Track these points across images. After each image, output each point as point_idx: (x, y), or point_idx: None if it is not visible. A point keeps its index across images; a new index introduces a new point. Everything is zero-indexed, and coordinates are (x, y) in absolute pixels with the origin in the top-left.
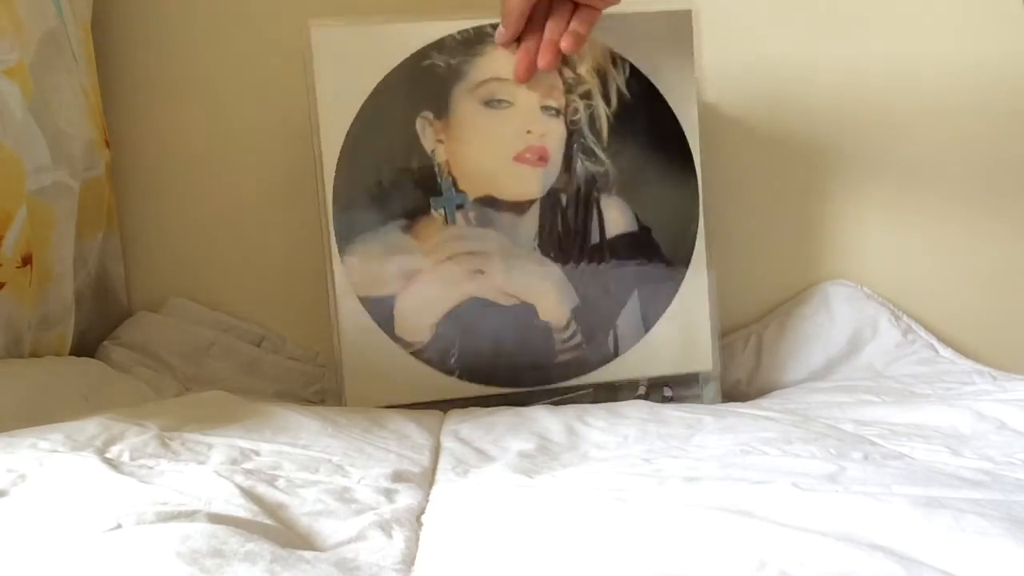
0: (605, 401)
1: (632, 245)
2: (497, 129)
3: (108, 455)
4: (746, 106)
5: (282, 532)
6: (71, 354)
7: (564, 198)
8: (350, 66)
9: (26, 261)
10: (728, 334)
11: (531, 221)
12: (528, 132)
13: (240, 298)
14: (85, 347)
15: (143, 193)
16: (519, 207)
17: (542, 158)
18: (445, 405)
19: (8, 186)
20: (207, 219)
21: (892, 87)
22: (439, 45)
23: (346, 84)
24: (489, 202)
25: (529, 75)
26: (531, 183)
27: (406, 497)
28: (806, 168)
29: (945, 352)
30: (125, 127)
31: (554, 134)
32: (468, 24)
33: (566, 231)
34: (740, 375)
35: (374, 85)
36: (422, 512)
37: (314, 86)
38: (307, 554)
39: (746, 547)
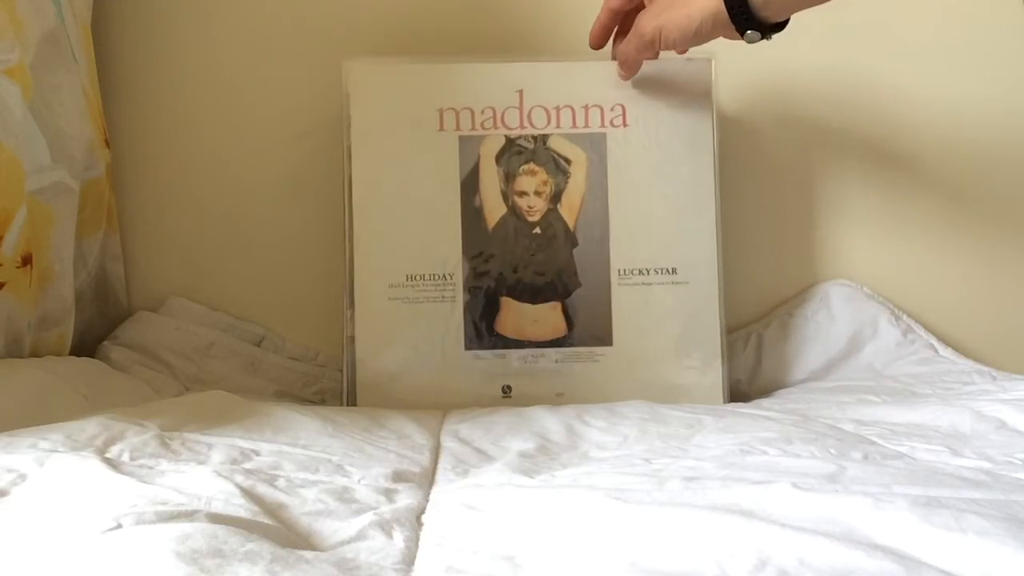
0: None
1: None
2: None
3: (108, 455)
4: (747, 106)
5: (282, 532)
6: (71, 354)
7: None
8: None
9: (26, 261)
10: (728, 334)
11: None
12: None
13: (240, 298)
14: (85, 347)
15: (143, 193)
16: None
17: None
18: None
19: (8, 186)
20: (207, 219)
21: (893, 89)
22: None
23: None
24: None
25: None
26: None
27: (406, 497)
28: (806, 167)
29: (945, 352)
30: (125, 127)
31: None
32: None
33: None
34: (740, 375)
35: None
36: (422, 512)
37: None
38: (307, 554)
39: (746, 547)
